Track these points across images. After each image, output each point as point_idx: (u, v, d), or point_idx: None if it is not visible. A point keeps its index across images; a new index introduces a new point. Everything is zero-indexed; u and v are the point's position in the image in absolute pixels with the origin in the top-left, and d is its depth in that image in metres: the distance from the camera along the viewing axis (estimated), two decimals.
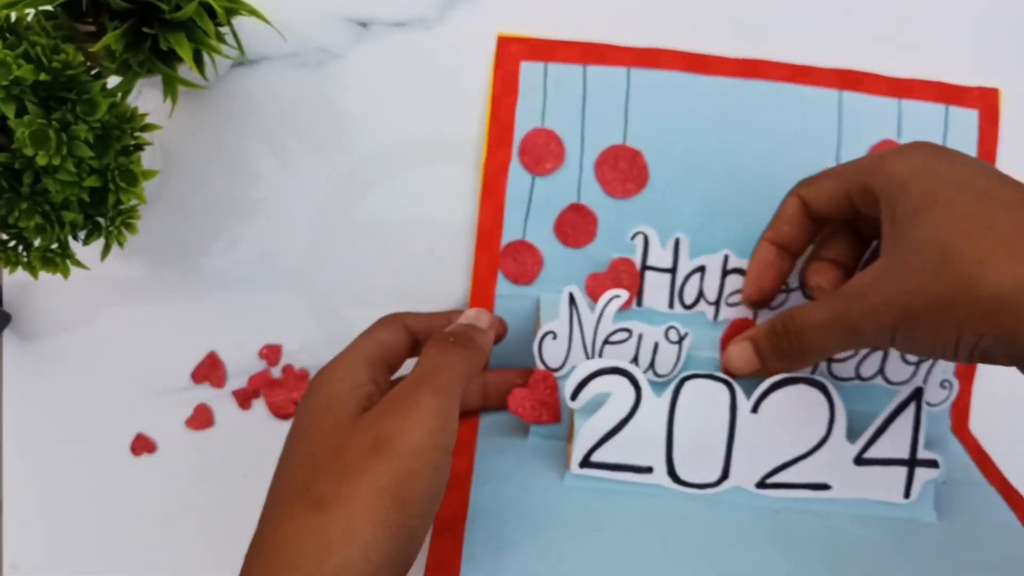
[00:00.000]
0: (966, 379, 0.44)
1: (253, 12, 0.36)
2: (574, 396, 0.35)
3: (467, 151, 0.43)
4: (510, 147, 0.42)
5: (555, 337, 0.38)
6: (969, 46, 0.44)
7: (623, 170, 0.42)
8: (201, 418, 0.44)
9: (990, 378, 0.44)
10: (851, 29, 0.43)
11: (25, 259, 0.34)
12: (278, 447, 0.44)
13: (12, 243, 0.34)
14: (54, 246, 0.34)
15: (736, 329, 0.40)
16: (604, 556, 0.33)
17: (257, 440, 0.44)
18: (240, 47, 0.39)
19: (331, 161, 0.43)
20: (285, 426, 0.45)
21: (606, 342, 0.39)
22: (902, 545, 0.34)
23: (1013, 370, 0.28)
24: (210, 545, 0.44)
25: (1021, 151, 0.43)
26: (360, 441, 0.28)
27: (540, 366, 0.39)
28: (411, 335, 0.35)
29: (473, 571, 0.32)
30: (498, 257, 0.42)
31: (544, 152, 0.42)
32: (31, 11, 0.33)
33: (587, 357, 0.39)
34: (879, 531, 0.35)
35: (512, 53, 0.42)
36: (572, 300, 0.38)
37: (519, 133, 0.42)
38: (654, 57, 0.42)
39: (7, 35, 0.31)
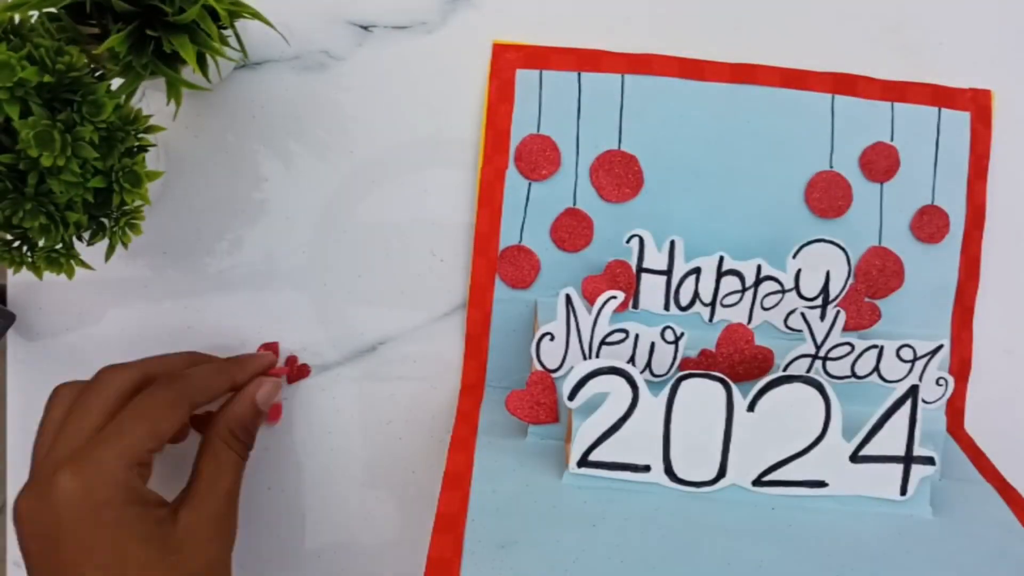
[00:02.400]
0: (961, 378, 0.44)
1: (256, 15, 0.37)
2: (572, 396, 0.35)
3: (468, 153, 0.44)
4: (506, 153, 0.43)
5: (552, 339, 0.39)
6: (961, 48, 0.44)
7: (618, 175, 0.42)
8: (205, 419, 0.44)
9: (985, 377, 0.44)
10: (843, 33, 0.44)
11: (29, 259, 0.34)
12: (279, 445, 0.45)
13: (17, 243, 0.34)
14: (58, 246, 0.34)
15: (731, 330, 0.41)
16: (602, 553, 0.33)
17: (260, 439, 0.44)
18: (243, 50, 0.39)
19: (333, 162, 0.44)
20: (286, 424, 0.45)
21: (603, 343, 0.39)
22: (898, 541, 0.34)
23: (1008, 370, 0.27)
24: None
25: (1013, 152, 0.44)
26: None
27: (538, 367, 0.39)
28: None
29: (473, 569, 0.32)
30: (496, 262, 0.43)
31: (540, 158, 0.42)
32: (35, 13, 0.33)
33: (584, 358, 0.39)
34: (875, 528, 0.35)
35: (508, 61, 0.43)
36: (569, 301, 0.38)
37: (515, 140, 0.43)
38: (648, 63, 0.43)
39: (11, 37, 0.31)
